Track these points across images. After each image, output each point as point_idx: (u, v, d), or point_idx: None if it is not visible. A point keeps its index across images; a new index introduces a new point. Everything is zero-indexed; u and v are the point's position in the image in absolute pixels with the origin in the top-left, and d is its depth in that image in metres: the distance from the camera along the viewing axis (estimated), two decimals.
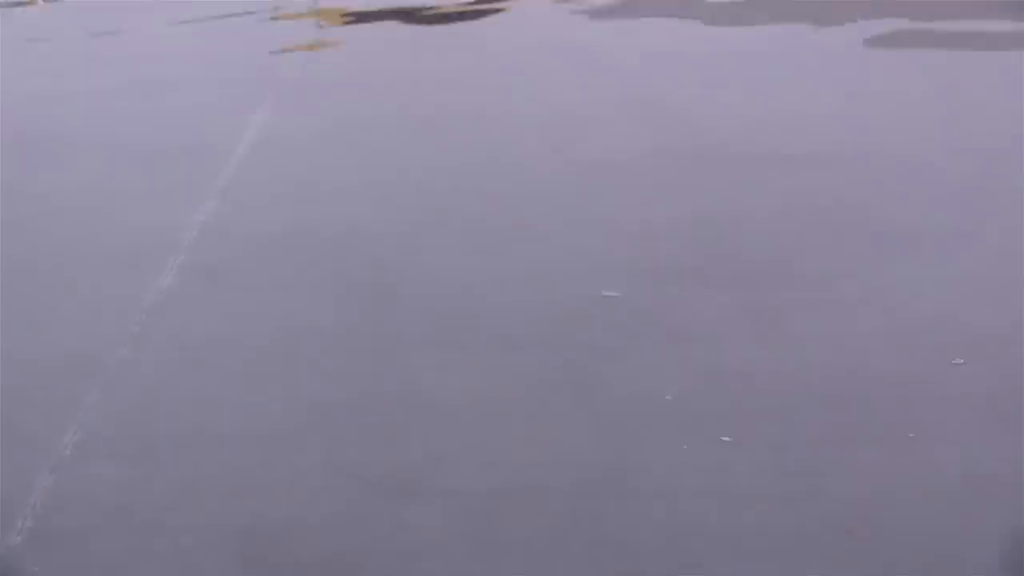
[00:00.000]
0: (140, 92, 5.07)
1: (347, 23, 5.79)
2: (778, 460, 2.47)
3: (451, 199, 4.06)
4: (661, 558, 2.21)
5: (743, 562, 2.18)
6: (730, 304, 3.16)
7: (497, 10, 5.97)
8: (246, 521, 2.38)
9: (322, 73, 5.28)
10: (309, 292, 3.42)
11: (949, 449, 2.48)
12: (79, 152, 4.50)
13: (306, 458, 2.58)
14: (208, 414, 2.79)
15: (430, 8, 6.07)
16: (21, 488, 2.55)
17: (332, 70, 5.34)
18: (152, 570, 2.27)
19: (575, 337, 3.05)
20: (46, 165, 4.42)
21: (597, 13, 6.06)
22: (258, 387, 2.91)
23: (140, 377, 3.00)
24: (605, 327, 3.10)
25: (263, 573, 2.24)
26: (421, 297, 3.35)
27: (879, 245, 3.48)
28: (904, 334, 2.93)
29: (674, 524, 2.29)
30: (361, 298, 3.37)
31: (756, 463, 2.46)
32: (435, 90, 5.02)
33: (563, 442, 2.56)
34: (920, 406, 2.63)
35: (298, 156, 4.44)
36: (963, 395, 2.68)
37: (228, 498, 2.46)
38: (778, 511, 2.31)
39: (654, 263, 3.48)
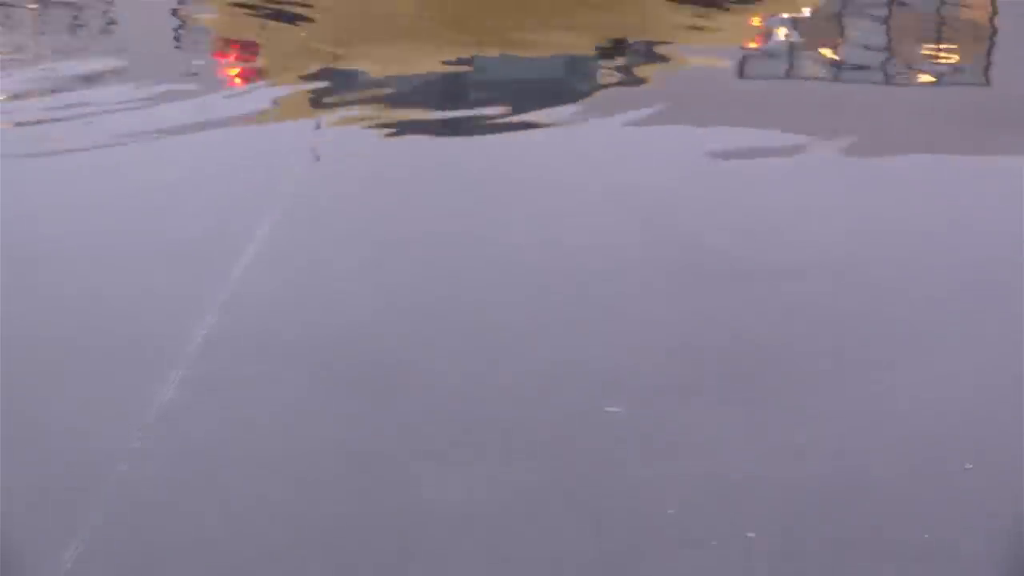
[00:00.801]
0: (137, 201, 5.10)
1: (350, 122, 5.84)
2: (783, 573, 2.46)
3: (452, 310, 4.08)
4: None
5: None
6: (730, 415, 3.17)
7: (530, 124, 6.06)
8: None
9: (326, 183, 5.32)
10: (310, 404, 3.42)
11: (962, 558, 2.47)
12: (77, 263, 4.51)
13: (309, 574, 2.57)
14: (211, 529, 2.78)
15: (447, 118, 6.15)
16: None
17: (336, 179, 5.38)
18: None
19: (575, 448, 3.06)
20: (43, 275, 4.43)
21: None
22: (260, 502, 2.90)
23: (141, 492, 2.99)
24: (605, 438, 3.11)
25: None
26: (422, 407, 3.35)
27: (878, 353, 3.50)
28: (907, 441, 2.93)
29: None
30: (361, 409, 3.37)
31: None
32: (439, 202, 5.06)
33: (565, 557, 2.55)
34: (927, 513, 2.62)
35: (301, 267, 4.46)
36: (971, 500, 2.67)
37: None
38: None
39: (653, 373, 3.49)
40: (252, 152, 5.66)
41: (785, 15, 8.97)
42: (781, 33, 8.19)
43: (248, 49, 7.52)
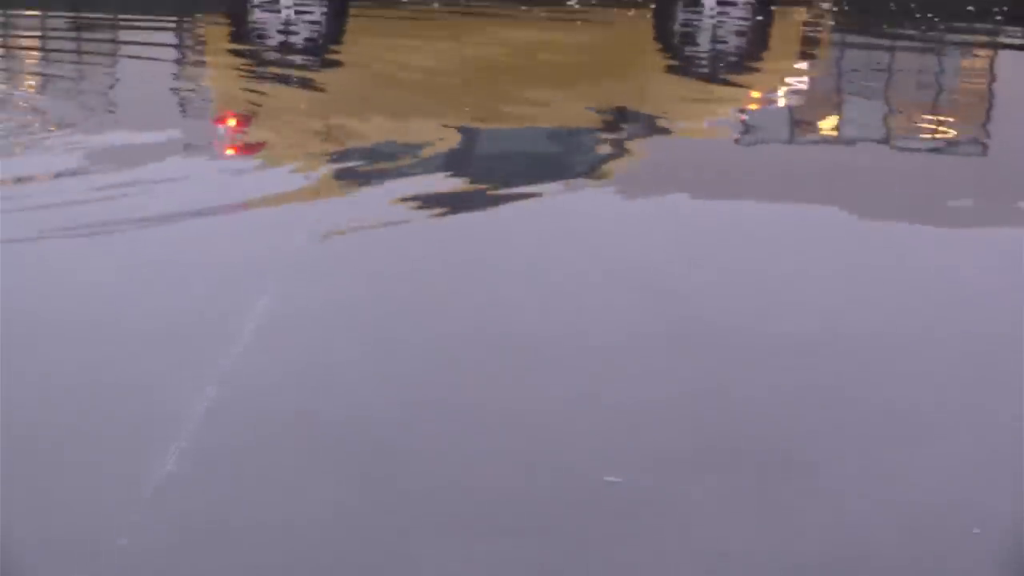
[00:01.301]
0: (136, 277, 5.12)
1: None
2: None
3: (451, 384, 4.08)
4: None
5: None
6: (731, 490, 3.17)
7: (530, 196, 6.08)
8: None
9: (326, 259, 5.34)
10: (311, 480, 3.42)
11: None
12: (77, 335, 4.52)
13: None
14: None
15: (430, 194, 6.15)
16: None
17: (336, 255, 5.40)
18: None
19: (577, 523, 3.05)
20: (41, 348, 4.44)
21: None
22: None
23: (141, 565, 2.98)
24: (606, 513, 3.10)
25: None
26: (422, 484, 3.34)
27: (879, 429, 3.50)
28: (909, 517, 2.93)
29: None
30: (362, 486, 3.36)
31: None
32: (439, 279, 5.08)
33: None
34: None
35: (302, 341, 4.47)
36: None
37: None
38: None
39: (652, 447, 3.48)
40: (252, 226, 5.69)
41: (784, 86, 9.04)
42: (780, 104, 8.25)
43: (248, 119, 7.57)
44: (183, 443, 3.67)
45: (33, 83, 8.65)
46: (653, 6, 12.78)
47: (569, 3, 11.68)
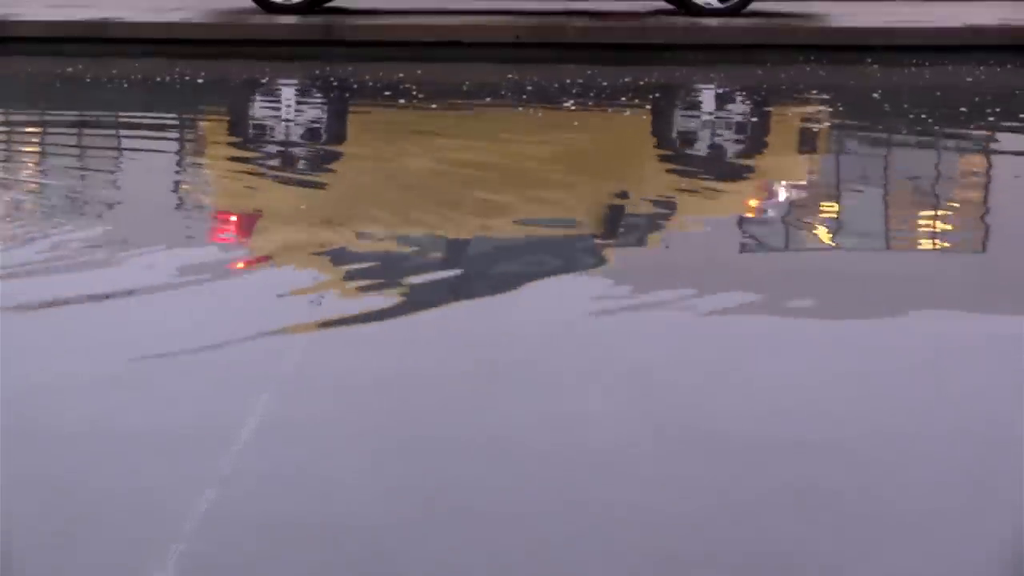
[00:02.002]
0: (133, 376, 5.12)
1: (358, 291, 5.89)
2: None
3: (450, 487, 4.08)
4: None
5: None
6: None
7: (527, 300, 6.11)
8: None
9: (328, 358, 5.35)
10: None
11: None
12: (75, 440, 4.52)
13: None
14: None
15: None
16: None
17: (338, 354, 5.41)
18: None
19: None
20: (36, 454, 4.43)
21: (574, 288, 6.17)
22: None
23: None
24: None
25: None
26: None
27: (881, 533, 3.50)
28: None
29: None
30: None
31: None
32: (440, 381, 5.09)
33: None
34: None
35: (302, 444, 4.47)
36: None
37: None
38: None
39: (655, 552, 3.48)
40: (252, 325, 5.71)
41: (784, 183, 9.11)
42: (780, 201, 8.31)
43: (246, 218, 7.62)
44: (182, 544, 3.66)
45: (28, 181, 8.72)
46: (650, 106, 12.93)
47: (565, 104, 11.83)
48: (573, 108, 12.00)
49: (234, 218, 7.72)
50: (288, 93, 14.24)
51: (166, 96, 13.32)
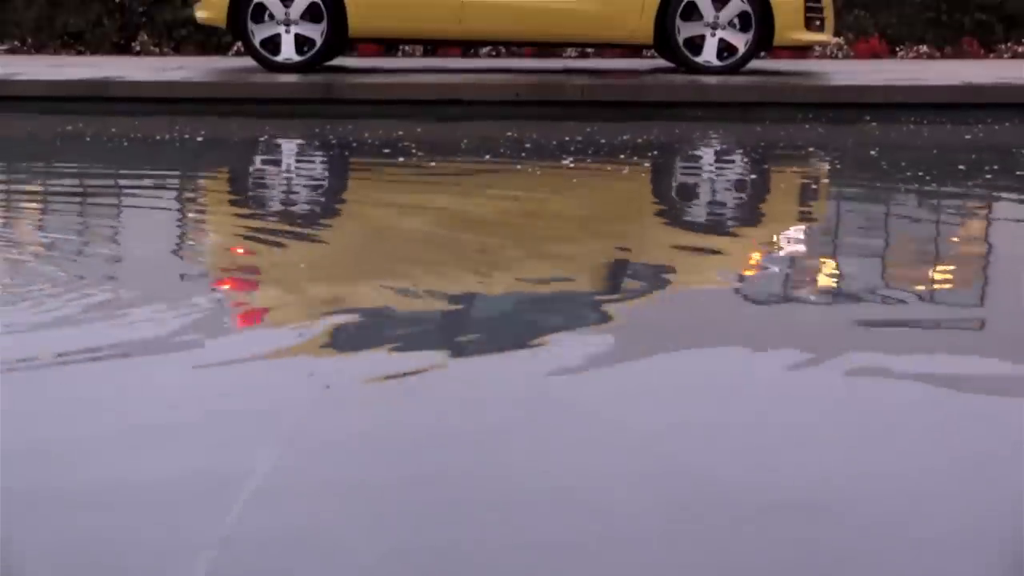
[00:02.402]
0: (133, 435, 5.11)
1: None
2: None
3: (451, 550, 4.06)
4: None
5: None
6: None
7: (528, 360, 6.09)
8: None
9: (329, 419, 5.33)
10: None
11: None
12: (70, 500, 4.50)
13: None
14: None
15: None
16: None
17: (340, 414, 5.39)
18: None
19: None
20: (37, 517, 4.41)
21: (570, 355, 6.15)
22: None
23: None
24: None
25: None
26: None
27: None
28: None
29: None
30: None
31: None
32: (441, 442, 5.07)
33: None
34: None
35: (302, 505, 4.45)
36: None
37: None
38: None
39: None
40: (251, 383, 5.69)
41: (783, 240, 9.12)
42: (779, 258, 8.32)
43: (247, 277, 7.62)
44: None
45: (27, 242, 8.72)
46: (650, 163, 12.98)
47: (564, 161, 11.89)
48: (572, 166, 12.03)
49: (233, 277, 7.72)
50: (288, 151, 14.29)
51: (166, 154, 13.36)
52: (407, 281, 7.26)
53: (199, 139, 14.46)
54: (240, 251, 8.42)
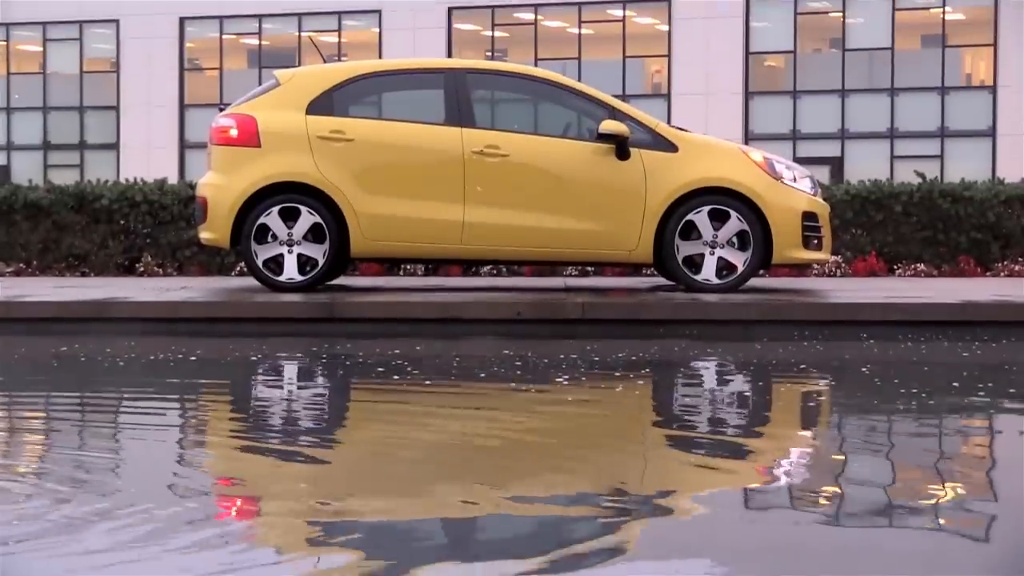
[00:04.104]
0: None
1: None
2: None
3: None
4: None
5: None
6: None
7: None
8: None
9: None
10: None
11: None
12: None
13: None
14: None
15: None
16: None
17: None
18: None
19: None
20: None
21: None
22: None
23: None
24: None
25: None
26: None
27: None
28: None
29: None
30: None
31: None
32: None
33: None
34: None
35: None
36: None
37: None
38: None
39: None
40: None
41: (783, 459, 9.07)
42: (780, 476, 8.25)
43: (246, 500, 7.56)
44: None
45: (25, 459, 8.69)
46: (650, 381, 12.98)
47: (557, 380, 11.93)
48: (569, 384, 12.04)
49: (231, 497, 7.66)
50: (288, 370, 14.33)
51: (165, 374, 13.40)
52: (403, 499, 7.19)
53: (199, 359, 14.53)
54: (238, 470, 8.37)
